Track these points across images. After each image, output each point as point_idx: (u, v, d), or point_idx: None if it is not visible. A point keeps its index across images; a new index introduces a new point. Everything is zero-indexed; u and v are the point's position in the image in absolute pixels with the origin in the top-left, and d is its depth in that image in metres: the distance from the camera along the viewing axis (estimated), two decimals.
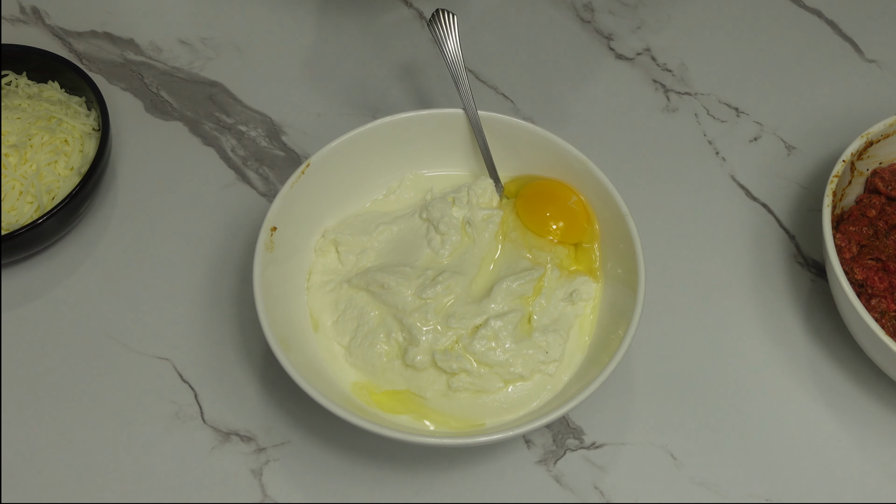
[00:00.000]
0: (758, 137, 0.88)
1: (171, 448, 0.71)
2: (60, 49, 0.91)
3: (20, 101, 0.79)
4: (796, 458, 0.72)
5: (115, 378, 0.74)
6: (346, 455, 0.71)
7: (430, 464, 0.71)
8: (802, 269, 0.81)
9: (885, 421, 0.74)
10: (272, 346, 0.65)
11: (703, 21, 0.95)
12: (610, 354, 0.66)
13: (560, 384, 0.70)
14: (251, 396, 0.74)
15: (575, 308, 0.72)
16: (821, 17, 0.95)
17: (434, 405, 0.69)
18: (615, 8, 0.96)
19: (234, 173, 0.84)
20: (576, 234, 0.75)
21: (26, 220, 0.75)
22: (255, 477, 0.70)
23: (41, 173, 0.76)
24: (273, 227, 0.70)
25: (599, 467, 0.71)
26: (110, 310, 0.77)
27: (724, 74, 0.91)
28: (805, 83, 0.91)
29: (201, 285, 0.78)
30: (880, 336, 0.67)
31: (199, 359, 0.75)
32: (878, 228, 0.76)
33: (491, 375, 0.69)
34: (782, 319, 0.78)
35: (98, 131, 0.80)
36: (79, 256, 0.79)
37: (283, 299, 0.70)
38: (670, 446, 0.72)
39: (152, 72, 0.90)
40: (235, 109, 0.88)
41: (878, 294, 0.72)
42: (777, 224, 0.83)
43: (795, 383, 0.75)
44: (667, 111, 0.89)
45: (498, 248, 0.75)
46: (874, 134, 0.77)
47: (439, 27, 0.77)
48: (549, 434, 0.73)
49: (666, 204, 0.84)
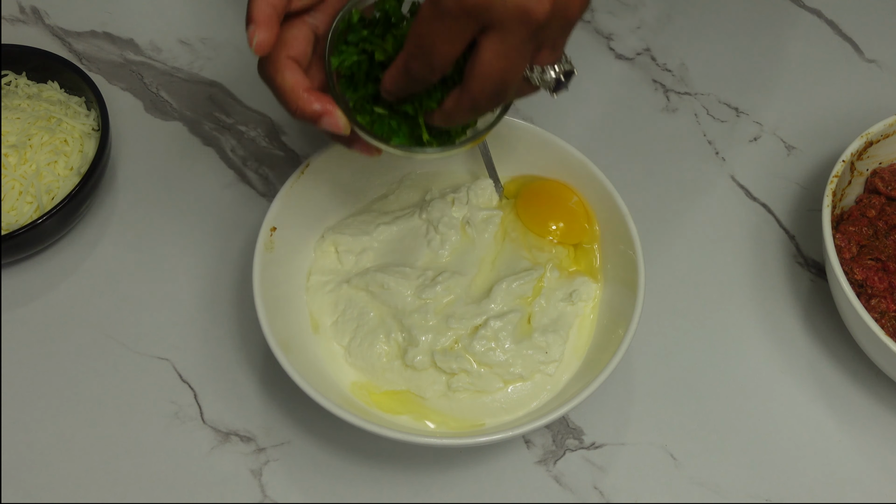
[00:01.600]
0: (758, 137, 0.88)
1: (171, 448, 0.71)
2: (60, 49, 0.91)
3: (20, 101, 0.79)
4: (796, 458, 0.72)
5: (114, 378, 0.74)
6: (345, 455, 0.71)
7: (430, 464, 0.71)
8: (802, 269, 0.81)
9: (885, 421, 0.74)
10: (272, 347, 0.65)
11: (703, 21, 0.95)
12: (610, 354, 0.66)
13: (560, 384, 0.70)
14: (251, 396, 0.74)
15: (575, 308, 0.72)
16: (821, 17, 0.95)
17: (434, 405, 0.69)
18: (615, 8, 0.96)
19: (233, 173, 0.84)
20: (576, 234, 0.75)
21: (26, 220, 0.75)
22: (255, 477, 0.70)
23: (41, 173, 0.76)
24: (273, 228, 0.71)
25: (599, 467, 0.71)
26: (110, 310, 0.77)
27: (724, 74, 0.91)
28: (805, 83, 0.91)
29: (201, 285, 0.78)
30: (880, 336, 0.67)
31: (198, 359, 0.75)
32: (878, 228, 0.76)
33: (491, 376, 0.69)
34: (782, 319, 0.78)
35: (98, 131, 0.80)
36: (79, 256, 0.79)
37: (283, 299, 0.70)
38: (670, 446, 0.72)
39: (152, 72, 0.90)
40: (235, 109, 0.88)
41: (878, 294, 0.72)
42: (777, 224, 0.83)
43: (795, 383, 0.75)
44: (667, 111, 0.89)
45: (498, 249, 0.75)
46: (874, 134, 0.77)
47: None
48: (549, 434, 0.73)
49: (666, 204, 0.84)
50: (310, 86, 0.60)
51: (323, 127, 0.60)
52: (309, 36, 0.61)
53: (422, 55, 0.54)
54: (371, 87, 0.61)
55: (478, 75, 0.54)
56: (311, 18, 0.61)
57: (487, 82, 0.55)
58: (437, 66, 0.55)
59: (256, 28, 0.57)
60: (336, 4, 0.62)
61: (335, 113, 0.60)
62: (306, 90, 0.59)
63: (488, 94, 0.55)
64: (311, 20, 0.61)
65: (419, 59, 0.55)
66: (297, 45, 0.60)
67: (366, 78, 0.61)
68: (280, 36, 0.60)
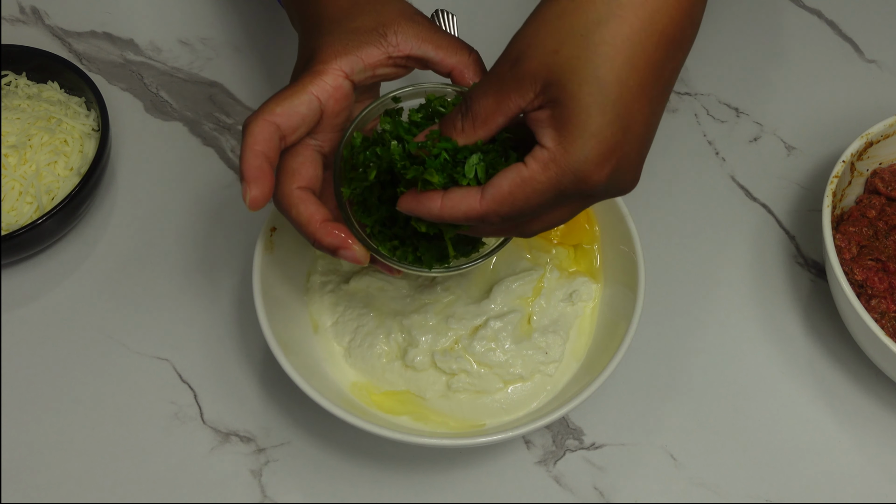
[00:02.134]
0: (757, 138, 0.88)
1: (171, 448, 0.71)
2: (60, 49, 0.91)
3: (20, 102, 0.79)
4: (796, 458, 0.72)
5: (114, 378, 0.74)
6: (345, 455, 0.71)
7: (430, 464, 0.71)
8: (802, 269, 0.81)
9: (884, 421, 0.74)
10: (272, 347, 0.65)
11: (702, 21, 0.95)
12: (610, 355, 0.66)
13: (560, 385, 0.70)
14: (251, 397, 0.74)
15: (575, 309, 0.72)
16: (821, 17, 0.95)
17: (434, 406, 0.69)
18: None
19: (234, 173, 0.84)
20: (576, 235, 0.75)
21: (26, 221, 0.75)
22: (255, 477, 0.70)
23: (41, 174, 0.76)
24: (273, 228, 0.71)
25: (599, 468, 0.71)
26: (110, 310, 0.77)
27: (724, 74, 0.91)
28: (805, 83, 0.91)
29: (201, 285, 0.78)
30: (880, 337, 0.67)
31: (198, 359, 0.75)
32: (878, 229, 0.76)
33: (490, 376, 0.69)
34: (782, 320, 0.78)
35: (98, 131, 0.80)
36: (79, 256, 0.79)
37: (283, 300, 0.70)
38: (670, 446, 0.72)
39: (152, 72, 0.90)
40: (235, 109, 0.88)
41: (878, 295, 0.72)
42: (777, 224, 0.83)
43: (795, 384, 0.75)
44: (667, 111, 0.89)
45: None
46: (874, 134, 0.77)
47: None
48: (549, 434, 0.73)
49: (666, 204, 0.83)
50: (326, 216, 0.59)
51: (342, 258, 0.59)
52: (315, 158, 0.60)
53: (512, 217, 0.54)
54: (384, 209, 0.60)
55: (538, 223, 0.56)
56: (314, 140, 0.60)
57: (538, 227, 0.56)
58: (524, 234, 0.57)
59: (248, 186, 0.56)
60: (333, 120, 0.60)
61: (351, 246, 0.59)
62: (322, 223, 0.58)
63: (535, 232, 0.57)
64: (314, 142, 0.60)
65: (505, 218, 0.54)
66: (305, 173, 0.60)
67: (378, 202, 0.60)
68: (286, 166, 0.59)
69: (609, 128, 0.50)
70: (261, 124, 0.57)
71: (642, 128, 0.52)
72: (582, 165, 0.51)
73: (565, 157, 0.51)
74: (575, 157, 0.51)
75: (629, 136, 0.51)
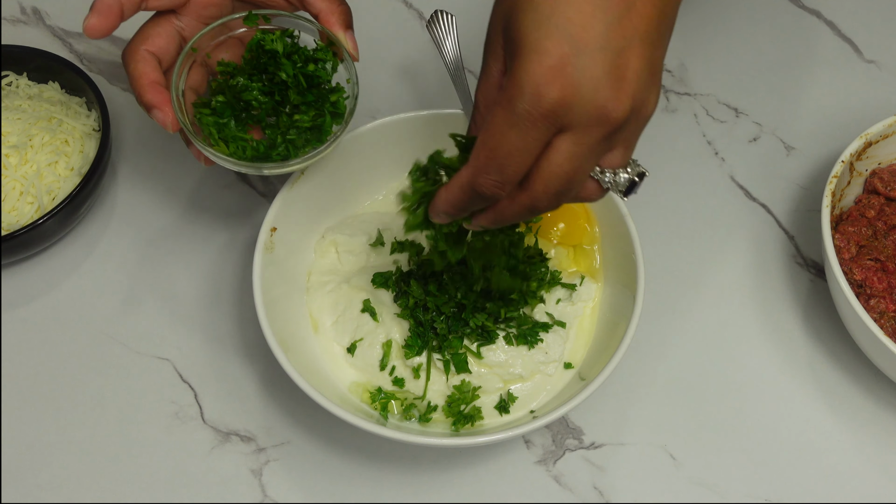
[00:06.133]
0: (757, 138, 0.88)
1: (171, 448, 0.71)
2: (61, 49, 0.91)
3: (20, 102, 0.79)
4: (795, 458, 0.72)
5: (115, 378, 0.74)
6: (346, 455, 0.71)
7: (430, 464, 0.71)
8: (802, 269, 0.81)
9: (884, 421, 0.74)
10: (272, 347, 0.65)
11: (702, 21, 0.95)
12: (610, 354, 0.66)
13: (559, 384, 0.70)
14: (251, 396, 0.74)
15: (575, 308, 0.72)
16: (820, 17, 0.95)
17: (433, 406, 0.69)
18: None
19: (233, 173, 0.84)
20: (576, 235, 0.75)
21: (26, 221, 0.75)
22: (255, 477, 0.70)
23: (41, 174, 0.76)
24: (273, 228, 0.71)
25: (599, 467, 0.71)
26: (110, 310, 0.77)
27: (724, 74, 0.91)
28: (804, 83, 0.91)
29: (201, 285, 0.78)
30: (879, 336, 0.67)
31: (199, 359, 0.75)
32: (877, 229, 0.76)
33: (490, 376, 0.69)
34: (781, 320, 0.78)
35: (98, 132, 0.80)
36: (79, 256, 0.79)
37: (283, 300, 0.70)
38: (670, 446, 0.72)
39: None
40: None
41: (877, 294, 0.72)
42: (776, 224, 0.83)
43: (794, 383, 0.75)
44: (666, 111, 0.89)
45: None
46: (873, 134, 0.77)
47: (438, 28, 0.77)
48: (549, 434, 0.73)
49: (665, 204, 0.84)
50: (157, 80, 0.64)
51: (153, 118, 0.63)
52: (172, 34, 0.66)
53: (495, 168, 0.51)
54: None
55: (545, 176, 0.51)
56: (178, 20, 0.66)
57: (553, 183, 0.51)
58: (511, 178, 0.51)
59: (91, 13, 0.62)
60: (202, 11, 0.66)
61: (166, 110, 0.63)
62: (151, 82, 0.64)
63: (551, 195, 0.52)
64: (178, 23, 0.66)
65: (491, 173, 0.51)
66: (158, 41, 0.65)
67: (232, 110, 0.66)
68: (143, 31, 0.66)
69: (548, 40, 0.49)
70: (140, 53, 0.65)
71: (599, 39, 0.49)
72: (529, 81, 0.49)
73: (511, 81, 0.49)
74: (519, 76, 0.49)
75: (580, 47, 0.49)
